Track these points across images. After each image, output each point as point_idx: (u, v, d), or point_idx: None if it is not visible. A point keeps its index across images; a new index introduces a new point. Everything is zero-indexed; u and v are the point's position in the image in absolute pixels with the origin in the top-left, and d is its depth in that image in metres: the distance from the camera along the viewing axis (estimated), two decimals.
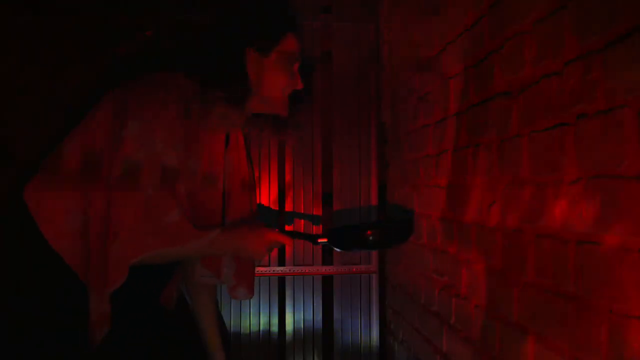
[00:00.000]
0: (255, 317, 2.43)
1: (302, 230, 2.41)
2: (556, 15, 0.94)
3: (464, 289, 1.41)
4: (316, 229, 2.44)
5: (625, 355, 0.76)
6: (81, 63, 2.16)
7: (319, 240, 1.51)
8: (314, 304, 2.46)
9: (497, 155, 1.19)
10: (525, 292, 1.06)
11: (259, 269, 2.31)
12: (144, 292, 1.38)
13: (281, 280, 2.46)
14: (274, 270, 2.41)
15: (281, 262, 2.43)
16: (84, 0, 2.24)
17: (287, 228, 2.42)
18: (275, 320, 2.44)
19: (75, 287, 1.28)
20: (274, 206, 2.43)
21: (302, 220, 2.44)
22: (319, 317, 2.46)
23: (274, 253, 2.42)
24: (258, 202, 2.28)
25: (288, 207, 2.44)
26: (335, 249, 1.54)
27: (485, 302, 1.27)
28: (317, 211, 2.45)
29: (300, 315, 2.45)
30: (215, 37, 1.38)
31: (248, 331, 2.43)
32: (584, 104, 0.86)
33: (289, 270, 2.42)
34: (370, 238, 1.50)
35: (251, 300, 2.41)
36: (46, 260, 1.27)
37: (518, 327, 1.10)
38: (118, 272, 1.23)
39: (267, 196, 2.42)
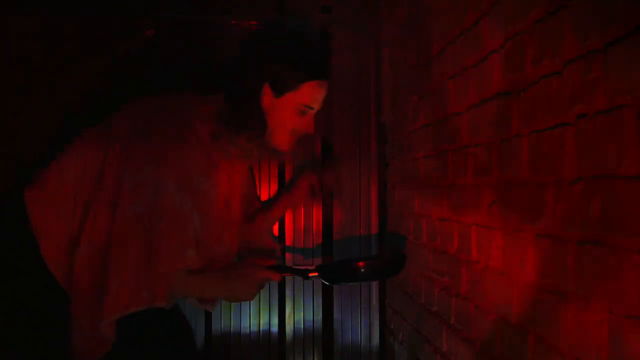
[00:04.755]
0: (255, 317, 2.43)
1: (302, 228, 2.41)
2: (556, 15, 0.94)
3: (464, 289, 1.41)
4: (316, 230, 2.44)
5: (625, 355, 0.76)
6: (81, 63, 2.16)
7: (310, 275, 1.52)
8: (314, 304, 2.46)
9: (497, 155, 1.19)
10: (525, 292, 1.07)
11: None
12: None
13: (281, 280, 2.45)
14: None
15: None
16: (84, 0, 2.24)
17: (288, 226, 2.42)
18: (275, 320, 2.44)
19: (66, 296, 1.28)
20: None
21: (302, 221, 2.44)
22: (319, 317, 2.46)
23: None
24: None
25: None
26: (325, 282, 1.58)
27: (485, 302, 1.27)
28: (317, 211, 2.44)
29: (300, 315, 2.45)
30: (236, 66, 1.36)
31: (248, 331, 2.43)
32: (584, 104, 0.86)
33: None
34: (361, 271, 1.55)
35: (251, 300, 2.40)
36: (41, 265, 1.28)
37: (518, 327, 1.10)
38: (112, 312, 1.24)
39: (267, 196, 2.42)
